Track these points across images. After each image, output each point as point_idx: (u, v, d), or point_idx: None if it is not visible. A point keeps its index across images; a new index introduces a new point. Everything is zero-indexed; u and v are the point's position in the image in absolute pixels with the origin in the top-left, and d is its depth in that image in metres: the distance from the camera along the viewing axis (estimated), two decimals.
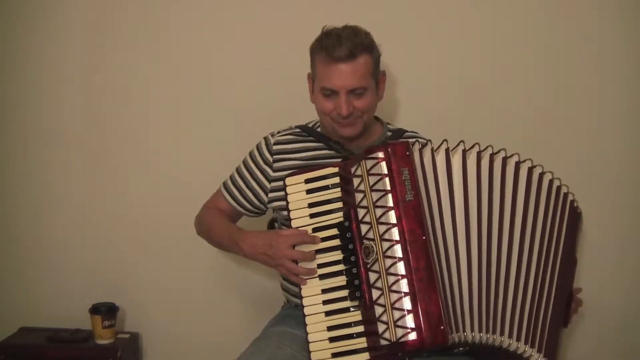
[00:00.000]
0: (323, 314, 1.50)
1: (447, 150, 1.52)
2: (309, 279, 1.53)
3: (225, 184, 1.86)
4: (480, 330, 1.46)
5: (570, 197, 1.65)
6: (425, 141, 1.53)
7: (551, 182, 1.61)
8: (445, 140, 1.53)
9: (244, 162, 1.83)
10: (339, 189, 1.54)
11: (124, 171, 2.30)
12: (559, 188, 1.62)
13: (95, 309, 2.19)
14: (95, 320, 2.18)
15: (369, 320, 1.45)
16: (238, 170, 1.84)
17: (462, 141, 1.54)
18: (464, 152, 1.53)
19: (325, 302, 1.51)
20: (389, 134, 1.82)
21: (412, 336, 1.37)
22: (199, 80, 2.25)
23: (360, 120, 1.69)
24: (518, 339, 1.50)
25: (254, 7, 2.20)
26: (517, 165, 1.57)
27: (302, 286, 1.54)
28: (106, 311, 2.19)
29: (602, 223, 2.19)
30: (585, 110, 2.17)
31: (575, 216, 1.67)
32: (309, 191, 1.56)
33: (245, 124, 2.22)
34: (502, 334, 1.48)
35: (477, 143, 1.54)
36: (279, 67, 2.19)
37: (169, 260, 2.31)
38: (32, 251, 2.34)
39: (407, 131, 1.85)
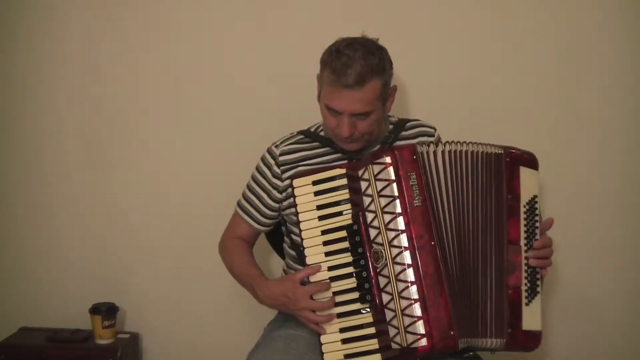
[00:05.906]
0: (335, 316, 1.52)
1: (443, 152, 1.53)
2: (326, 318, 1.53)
3: (240, 205, 1.83)
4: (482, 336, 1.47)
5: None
6: (430, 139, 1.51)
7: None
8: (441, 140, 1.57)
9: (254, 179, 1.80)
10: (346, 191, 1.54)
11: (124, 171, 2.30)
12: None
13: (95, 309, 2.19)
14: (95, 320, 2.18)
15: (380, 322, 1.46)
16: (250, 188, 1.81)
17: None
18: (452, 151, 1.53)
19: (336, 304, 1.52)
20: (391, 127, 1.79)
21: (423, 342, 1.39)
22: (200, 81, 2.25)
23: (362, 139, 1.67)
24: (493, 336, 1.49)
25: (255, 10, 2.21)
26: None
27: None
28: (106, 311, 2.19)
29: (604, 223, 2.22)
30: (587, 110, 2.18)
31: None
32: (317, 193, 1.57)
33: (244, 126, 2.22)
34: (484, 336, 1.48)
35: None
36: (282, 72, 2.19)
37: (169, 261, 2.31)
38: (32, 251, 2.33)
39: (410, 120, 1.83)
